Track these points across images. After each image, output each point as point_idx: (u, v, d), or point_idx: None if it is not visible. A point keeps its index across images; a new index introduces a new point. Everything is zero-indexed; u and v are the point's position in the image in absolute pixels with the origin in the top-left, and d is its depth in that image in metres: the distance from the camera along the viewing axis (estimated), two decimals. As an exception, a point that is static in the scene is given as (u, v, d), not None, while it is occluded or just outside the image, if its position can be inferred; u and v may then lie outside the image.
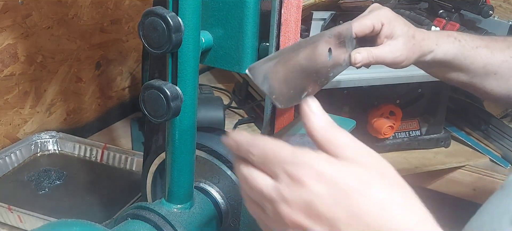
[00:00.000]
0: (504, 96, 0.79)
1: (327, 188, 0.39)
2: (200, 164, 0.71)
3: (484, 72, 0.77)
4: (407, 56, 0.74)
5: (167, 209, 0.64)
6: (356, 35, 0.73)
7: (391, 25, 0.73)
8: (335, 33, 0.67)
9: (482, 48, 0.77)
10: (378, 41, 0.75)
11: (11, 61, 1.03)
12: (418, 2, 1.33)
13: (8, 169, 1.02)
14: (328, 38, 0.63)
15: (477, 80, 0.79)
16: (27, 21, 1.04)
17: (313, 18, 1.14)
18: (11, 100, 1.06)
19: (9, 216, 0.87)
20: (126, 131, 1.29)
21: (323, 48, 0.61)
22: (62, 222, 0.59)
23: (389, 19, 0.74)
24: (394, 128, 1.13)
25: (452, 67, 0.78)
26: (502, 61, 0.77)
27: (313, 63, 0.57)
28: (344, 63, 0.71)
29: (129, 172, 1.05)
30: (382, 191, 0.39)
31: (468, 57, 0.77)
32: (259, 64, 0.44)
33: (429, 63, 0.78)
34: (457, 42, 0.77)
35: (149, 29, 0.54)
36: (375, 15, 0.74)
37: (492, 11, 1.19)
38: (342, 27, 0.70)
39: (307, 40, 0.57)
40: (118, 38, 1.29)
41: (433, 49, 0.76)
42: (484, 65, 0.77)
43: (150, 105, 0.57)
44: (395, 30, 0.73)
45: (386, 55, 0.73)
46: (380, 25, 0.73)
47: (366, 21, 0.73)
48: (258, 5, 0.59)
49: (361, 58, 0.72)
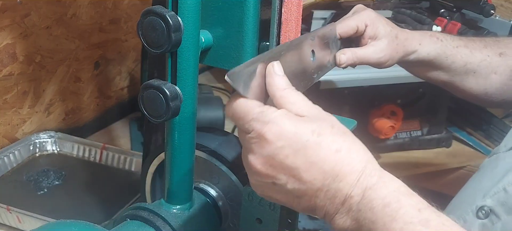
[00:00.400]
0: (481, 94, 0.82)
1: (289, 142, 0.45)
2: (199, 165, 0.70)
3: (464, 71, 0.80)
4: (391, 56, 0.77)
5: (167, 210, 0.63)
6: (340, 36, 0.75)
7: (374, 26, 0.76)
8: (319, 35, 0.68)
9: (462, 48, 0.80)
10: (362, 42, 0.77)
11: (9, 61, 1.03)
12: (419, 1, 1.33)
13: (6, 169, 1.02)
14: (311, 40, 0.64)
15: (457, 79, 0.82)
16: (25, 20, 1.03)
17: (314, 17, 1.13)
18: (10, 100, 1.06)
19: (8, 216, 0.87)
20: (125, 131, 1.29)
21: (306, 50, 0.62)
22: (61, 223, 0.59)
23: (372, 20, 0.76)
24: (395, 128, 1.13)
25: (434, 66, 0.81)
26: (480, 60, 0.80)
27: (296, 66, 0.58)
28: (329, 64, 0.73)
29: (128, 172, 1.05)
30: (333, 140, 0.45)
31: (450, 57, 0.80)
32: (239, 69, 0.46)
33: (412, 63, 0.80)
34: (440, 42, 0.79)
35: (148, 28, 0.54)
36: (359, 17, 0.76)
37: (494, 10, 1.19)
38: (326, 29, 0.72)
39: (289, 43, 0.58)
40: (117, 38, 1.29)
41: (417, 49, 0.78)
42: (464, 64, 0.80)
43: (149, 105, 0.56)
44: (378, 31, 0.76)
45: (370, 55, 0.76)
46: (364, 26, 0.76)
47: (350, 22, 0.75)
48: (258, 4, 0.59)
49: (345, 59, 0.74)
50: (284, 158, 0.45)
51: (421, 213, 0.42)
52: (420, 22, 1.21)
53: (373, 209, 0.43)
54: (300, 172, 0.45)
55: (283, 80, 0.49)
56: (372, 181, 0.45)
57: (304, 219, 0.97)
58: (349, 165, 0.45)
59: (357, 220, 0.45)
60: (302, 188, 0.46)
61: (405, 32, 0.78)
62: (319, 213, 0.47)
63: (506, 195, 0.62)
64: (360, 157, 0.46)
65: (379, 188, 0.44)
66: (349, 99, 1.11)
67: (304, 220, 0.97)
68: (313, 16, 1.13)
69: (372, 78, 1.07)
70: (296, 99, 0.48)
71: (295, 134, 0.45)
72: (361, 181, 0.45)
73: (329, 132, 0.46)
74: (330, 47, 0.72)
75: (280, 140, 0.45)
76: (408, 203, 0.43)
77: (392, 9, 1.26)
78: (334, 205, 0.46)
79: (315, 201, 0.46)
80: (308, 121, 0.46)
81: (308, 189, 0.46)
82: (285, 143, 0.45)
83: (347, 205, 0.45)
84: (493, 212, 0.63)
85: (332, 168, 0.45)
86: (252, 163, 0.47)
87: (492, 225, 0.63)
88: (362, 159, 0.46)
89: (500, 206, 0.62)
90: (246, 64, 0.47)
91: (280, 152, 0.45)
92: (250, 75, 0.48)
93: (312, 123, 0.46)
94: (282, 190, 0.47)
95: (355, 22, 0.75)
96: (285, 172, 0.46)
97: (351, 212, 0.45)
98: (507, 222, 0.61)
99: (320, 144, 0.45)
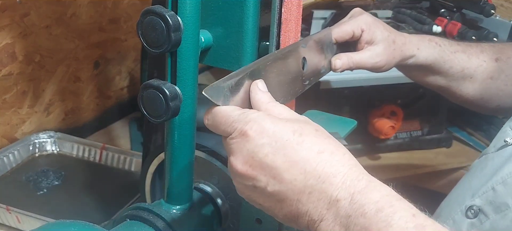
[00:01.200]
0: (477, 99, 0.83)
1: (269, 140, 0.44)
2: (199, 165, 0.70)
3: (462, 76, 0.81)
4: (388, 61, 0.77)
5: (166, 210, 0.63)
6: (336, 41, 0.75)
7: (371, 31, 0.76)
8: (314, 39, 0.68)
9: (460, 53, 0.81)
10: (359, 47, 0.77)
11: (9, 61, 1.03)
12: (419, 1, 1.33)
13: (6, 170, 1.02)
14: (302, 47, 0.64)
15: (454, 84, 0.82)
16: (25, 20, 1.03)
17: (314, 17, 1.13)
18: (9, 100, 1.05)
19: (7, 216, 0.87)
20: (124, 131, 1.28)
21: (296, 59, 0.62)
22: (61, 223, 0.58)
23: (369, 25, 0.76)
24: (395, 128, 1.13)
25: (432, 71, 0.81)
26: (477, 66, 0.81)
27: (284, 76, 0.58)
28: (324, 70, 0.73)
29: (128, 173, 1.05)
30: (316, 142, 0.44)
31: (448, 62, 0.80)
32: (218, 84, 0.46)
33: (410, 67, 0.80)
34: (438, 47, 0.80)
35: (148, 28, 0.53)
36: (355, 21, 0.76)
37: (494, 10, 1.19)
38: (321, 34, 0.72)
39: (277, 53, 0.58)
40: (116, 38, 1.29)
41: (415, 53, 0.78)
42: (462, 69, 0.80)
43: (149, 105, 0.56)
44: (375, 35, 0.76)
45: (366, 60, 0.76)
46: (360, 31, 0.76)
47: (346, 27, 0.75)
48: (258, 4, 0.58)
49: (341, 64, 0.75)
50: (263, 157, 0.44)
51: (416, 218, 0.40)
52: (420, 22, 1.21)
53: (366, 214, 0.41)
54: (280, 172, 0.44)
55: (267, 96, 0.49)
56: (360, 184, 0.42)
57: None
58: (332, 167, 0.43)
59: (347, 227, 0.41)
60: (282, 190, 0.44)
61: (403, 36, 0.78)
62: (302, 220, 0.45)
63: (494, 193, 0.62)
64: (345, 160, 0.44)
65: (370, 192, 0.42)
66: (349, 99, 1.11)
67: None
68: (313, 16, 1.13)
69: (372, 78, 1.07)
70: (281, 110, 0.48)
71: (276, 132, 0.44)
72: (348, 184, 0.42)
73: (313, 134, 0.45)
74: (325, 52, 0.72)
75: (261, 137, 0.44)
76: (402, 208, 0.41)
77: (392, 9, 1.26)
78: (318, 210, 0.43)
79: (297, 205, 0.44)
80: (290, 122, 0.46)
81: (288, 190, 0.44)
82: (265, 140, 0.44)
83: (333, 209, 0.42)
84: (481, 211, 0.63)
85: (314, 168, 0.43)
86: (233, 164, 0.46)
87: (481, 224, 0.63)
88: (346, 163, 0.44)
89: (489, 205, 0.62)
90: (223, 79, 0.47)
91: (260, 150, 0.44)
92: (231, 89, 0.48)
93: (294, 123, 0.45)
94: (263, 193, 0.45)
95: (351, 27, 0.75)
96: (265, 172, 0.44)
97: (339, 218, 0.42)
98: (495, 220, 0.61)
99: (301, 143, 0.44)
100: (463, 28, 1.19)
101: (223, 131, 0.47)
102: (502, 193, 0.61)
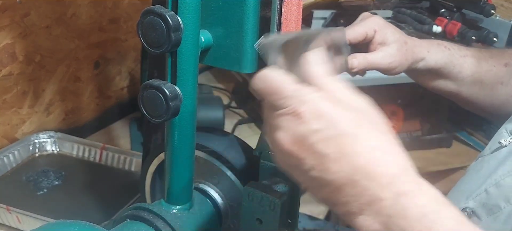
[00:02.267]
0: (488, 106, 0.82)
1: (323, 126, 0.42)
2: (199, 165, 0.70)
3: (472, 80, 0.80)
4: (400, 62, 0.76)
5: (166, 210, 0.63)
6: (349, 42, 0.74)
7: (383, 32, 0.75)
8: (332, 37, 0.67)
9: (469, 57, 0.80)
10: (371, 48, 0.76)
11: (9, 61, 1.03)
12: (419, 1, 1.33)
13: (6, 170, 1.02)
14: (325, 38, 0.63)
15: (464, 89, 0.81)
16: (25, 20, 1.03)
17: (314, 17, 1.13)
18: (9, 100, 1.05)
19: (8, 216, 0.87)
20: (124, 131, 1.28)
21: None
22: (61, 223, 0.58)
23: (380, 26, 0.76)
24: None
25: (442, 75, 0.80)
26: (487, 70, 0.80)
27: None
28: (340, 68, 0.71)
29: (128, 173, 1.05)
30: (372, 137, 0.42)
31: (457, 66, 0.79)
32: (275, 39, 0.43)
33: (420, 71, 0.80)
34: (447, 51, 0.79)
35: (148, 28, 0.53)
36: (367, 23, 0.76)
37: (494, 10, 1.19)
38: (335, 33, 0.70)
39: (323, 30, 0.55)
40: (117, 38, 1.29)
41: (425, 56, 0.78)
42: (471, 73, 0.80)
43: (149, 105, 0.56)
44: (387, 36, 0.75)
45: (380, 60, 0.76)
46: (373, 32, 0.75)
47: (359, 29, 0.75)
48: (258, 4, 0.58)
49: (357, 63, 0.74)
50: (315, 142, 0.42)
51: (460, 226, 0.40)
52: (420, 22, 1.21)
53: (407, 217, 0.40)
54: (328, 160, 0.42)
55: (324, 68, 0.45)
56: (407, 187, 0.41)
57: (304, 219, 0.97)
58: (383, 166, 0.42)
59: (387, 226, 0.41)
60: (326, 179, 0.42)
61: (413, 39, 0.78)
62: (339, 209, 0.44)
63: (487, 196, 0.62)
64: (397, 161, 0.42)
65: (416, 196, 0.41)
66: (349, 99, 1.11)
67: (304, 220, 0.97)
68: (313, 16, 1.13)
69: (372, 78, 1.06)
70: (338, 87, 0.44)
71: (332, 120, 0.42)
72: (394, 184, 0.41)
73: (370, 127, 0.43)
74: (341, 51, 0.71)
75: (316, 122, 0.42)
76: (447, 216, 0.40)
77: (392, 9, 1.26)
78: (359, 204, 0.42)
79: (337, 196, 0.43)
80: (349, 109, 0.43)
81: (332, 180, 0.42)
82: (320, 126, 0.42)
83: (375, 207, 0.41)
84: (475, 213, 0.63)
85: (364, 165, 0.41)
86: (281, 140, 0.44)
87: None
88: (399, 164, 0.42)
89: (482, 208, 0.62)
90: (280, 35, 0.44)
91: (313, 135, 0.42)
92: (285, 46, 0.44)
93: (353, 112, 0.43)
94: (305, 174, 0.44)
95: (364, 28, 0.75)
96: (313, 157, 0.42)
97: (380, 216, 0.41)
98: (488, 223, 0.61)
99: (356, 136, 0.42)
100: (463, 28, 1.19)
101: (272, 102, 0.44)
102: (495, 195, 0.61)
